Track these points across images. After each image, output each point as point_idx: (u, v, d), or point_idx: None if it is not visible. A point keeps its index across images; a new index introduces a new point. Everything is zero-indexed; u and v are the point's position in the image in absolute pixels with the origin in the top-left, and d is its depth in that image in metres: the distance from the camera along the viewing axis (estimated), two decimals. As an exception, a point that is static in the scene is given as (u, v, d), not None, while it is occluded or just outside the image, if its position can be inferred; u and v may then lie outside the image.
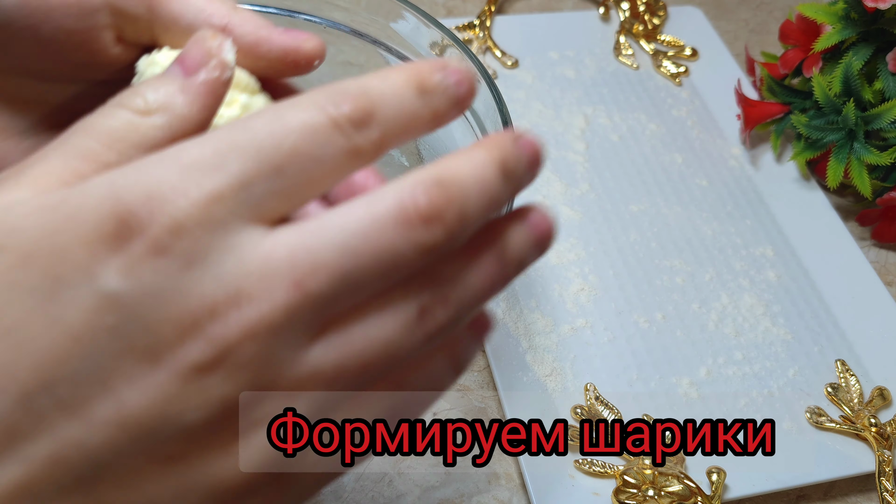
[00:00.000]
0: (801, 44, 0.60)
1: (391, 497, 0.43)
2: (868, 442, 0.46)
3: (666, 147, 0.62)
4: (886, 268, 0.57)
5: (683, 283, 0.53)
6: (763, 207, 0.58)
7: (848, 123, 0.55)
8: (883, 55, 0.56)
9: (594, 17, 0.71)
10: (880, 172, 0.56)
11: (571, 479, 0.43)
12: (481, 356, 0.49)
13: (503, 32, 0.68)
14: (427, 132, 0.22)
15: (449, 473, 0.44)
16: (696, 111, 0.65)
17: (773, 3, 0.76)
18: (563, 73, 0.66)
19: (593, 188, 0.58)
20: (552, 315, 0.50)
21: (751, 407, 0.47)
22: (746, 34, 0.73)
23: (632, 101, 0.65)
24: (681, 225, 0.57)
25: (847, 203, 0.60)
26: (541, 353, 0.48)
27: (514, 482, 0.44)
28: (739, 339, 0.51)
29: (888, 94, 0.55)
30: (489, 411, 0.46)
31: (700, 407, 0.47)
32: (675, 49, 0.69)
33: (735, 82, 0.63)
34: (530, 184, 0.23)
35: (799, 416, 0.47)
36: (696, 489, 0.43)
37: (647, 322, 0.51)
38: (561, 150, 0.60)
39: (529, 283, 0.52)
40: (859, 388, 0.48)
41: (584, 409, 0.46)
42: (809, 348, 0.51)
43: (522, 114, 0.62)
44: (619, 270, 0.53)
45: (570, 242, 0.54)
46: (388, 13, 0.45)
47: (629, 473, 0.43)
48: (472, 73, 0.22)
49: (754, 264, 0.55)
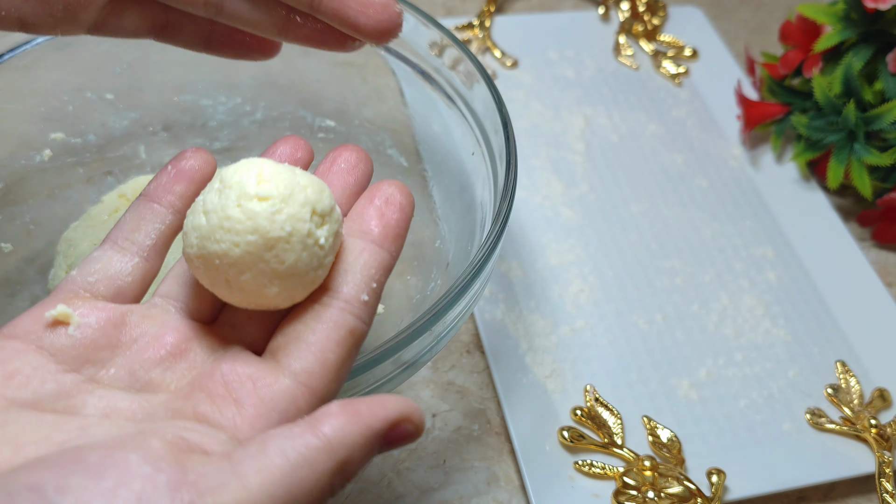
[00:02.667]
0: (802, 44, 0.59)
1: (390, 499, 0.42)
2: (868, 443, 0.46)
3: (666, 147, 0.62)
4: (887, 268, 0.57)
5: (683, 284, 0.53)
6: (763, 208, 0.58)
7: (848, 124, 0.55)
8: (883, 56, 0.56)
9: (594, 17, 0.71)
10: (880, 173, 0.56)
11: (571, 480, 0.43)
12: (481, 357, 0.49)
13: (502, 32, 0.68)
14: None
15: (448, 475, 0.44)
16: (696, 111, 0.64)
17: (773, 3, 0.76)
18: (563, 73, 0.66)
19: (593, 189, 0.58)
20: (552, 316, 0.50)
21: (751, 408, 0.47)
22: (746, 34, 0.72)
23: (632, 101, 0.65)
24: (681, 225, 0.57)
25: (847, 204, 0.60)
26: (540, 355, 0.48)
27: (514, 483, 0.44)
28: (739, 340, 0.51)
29: (888, 94, 0.55)
30: (489, 413, 0.46)
31: (700, 408, 0.47)
32: (675, 49, 0.69)
33: (735, 82, 0.63)
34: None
35: (799, 418, 0.47)
36: (695, 490, 0.42)
37: (647, 323, 0.51)
38: (560, 150, 0.60)
39: (529, 285, 0.52)
40: (859, 390, 0.48)
41: (583, 411, 0.46)
42: (810, 349, 0.51)
43: (522, 114, 0.62)
44: (618, 271, 0.53)
45: (570, 243, 0.54)
46: (387, 13, 0.45)
47: (629, 475, 0.43)
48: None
49: (754, 265, 0.55)
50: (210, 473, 0.21)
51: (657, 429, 0.45)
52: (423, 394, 0.47)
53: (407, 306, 0.44)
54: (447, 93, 0.44)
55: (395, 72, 0.47)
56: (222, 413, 0.24)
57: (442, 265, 0.44)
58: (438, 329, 0.34)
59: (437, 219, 0.47)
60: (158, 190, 0.29)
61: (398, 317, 0.44)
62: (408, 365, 0.34)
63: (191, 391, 0.25)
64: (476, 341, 0.49)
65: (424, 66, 0.45)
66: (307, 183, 0.26)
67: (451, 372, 0.48)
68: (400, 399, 0.24)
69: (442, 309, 0.33)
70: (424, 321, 0.32)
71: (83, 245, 0.43)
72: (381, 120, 0.50)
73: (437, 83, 0.45)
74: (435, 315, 0.33)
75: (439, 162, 0.47)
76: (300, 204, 0.26)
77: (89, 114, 0.48)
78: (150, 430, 0.23)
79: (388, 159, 0.49)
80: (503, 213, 0.36)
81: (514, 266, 0.52)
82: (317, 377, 0.25)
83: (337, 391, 0.26)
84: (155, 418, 0.24)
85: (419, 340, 0.33)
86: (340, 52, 0.33)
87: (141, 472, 0.20)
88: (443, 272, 0.43)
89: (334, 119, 0.51)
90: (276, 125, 0.52)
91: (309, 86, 0.51)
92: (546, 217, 0.56)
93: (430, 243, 0.46)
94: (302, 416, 0.25)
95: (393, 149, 0.49)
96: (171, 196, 0.29)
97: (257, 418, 0.24)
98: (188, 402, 0.25)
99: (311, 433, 0.22)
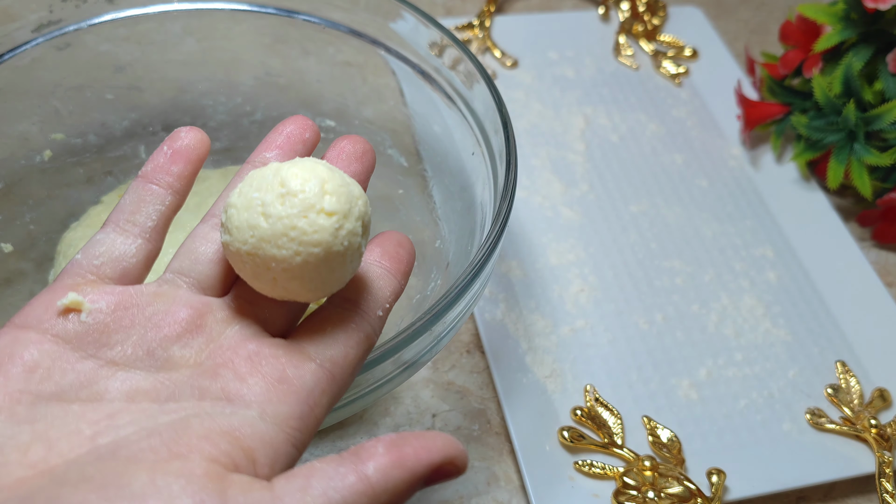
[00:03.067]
0: (802, 44, 0.59)
1: (390, 499, 0.42)
2: (868, 443, 0.46)
3: (666, 147, 0.62)
4: (887, 269, 0.57)
5: (683, 284, 0.53)
6: (763, 208, 0.58)
7: (848, 124, 0.55)
8: (883, 56, 0.56)
9: (594, 17, 0.71)
10: (880, 173, 0.56)
11: (571, 480, 0.43)
12: (481, 357, 0.49)
13: (502, 32, 0.68)
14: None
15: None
16: (696, 111, 0.64)
17: (773, 3, 0.76)
18: (563, 73, 0.66)
19: (593, 188, 0.58)
20: (552, 316, 0.50)
21: (751, 408, 0.47)
22: (746, 34, 0.72)
23: (632, 101, 0.65)
24: (681, 225, 0.56)
25: (847, 204, 0.60)
26: (540, 355, 0.48)
27: (514, 483, 0.44)
28: (739, 340, 0.51)
29: (888, 94, 0.55)
30: (489, 413, 0.46)
31: (700, 408, 0.47)
32: (675, 49, 0.69)
33: (735, 82, 0.63)
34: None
35: (799, 418, 0.47)
36: (696, 491, 0.42)
37: (647, 323, 0.51)
38: (561, 150, 0.60)
39: (529, 285, 0.52)
40: (859, 390, 0.48)
41: (584, 411, 0.46)
42: (810, 349, 0.51)
43: (522, 114, 0.62)
44: (618, 271, 0.53)
45: (570, 243, 0.54)
46: (387, 13, 0.45)
47: (629, 475, 0.43)
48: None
49: (754, 265, 0.55)
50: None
51: (657, 429, 0.45)
52: (423, 394, 0.47)
53: (407, 306, 0.44)
54: (447, 93, 0.44)
55: (395, 72, 0.47)
56: (250, 388, 0.25)
57: (442, 265, 0.44)
58: (438, 329, 0.34)
59: (437, 219, 0.47)
60: (156, 171, 0.29)
61: (398, 317, 0.44)
62: (408, 365, 0.34)
63: (215, 368, 0.25)
64: (476, 341, 0.49)
65: (424, 66, 0.45)
66: (359, 195, 0.28)
67: (451, 372, 0.48)
68: (447, 440, 0.24)
69: (442, 309, 0.33)
70: (424, 321, 0.32)
71: (83, 245, 0.43)
72: (381, 120, 0.50)
73: (437, 83, 0.45)
74: (435, 315, 0.33)
75: (439, 162, 0.47)
76: (356, 218, 0.27)
77: (89, 114, 0.48)
78: (185, 429, 0.23)
79: (388, 159, 0.49)
80: (503, 213, 0.36)
81: (514, 266, 0.52)
82: (339, 367, 0.27)
83: (349, 385, 0.28)
84: (180, 397, 0.24)
85: (419, 340, 0.33)
86: None
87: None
88: (443, 272, 0.43)
89: (334, 119, 0.51)
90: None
91: (309, 86, 0.51)
92: (546, 217, 0.56)
93: (431, 243, 0.46)
94: (326, 397, 0.26)
95: (393, 149, 0.49)
96: (168, 177, 0.29)
97: (287, 394, 0.25)
98: (215, 381, 0.25)
99: (355, 475, 0.23)
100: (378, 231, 0.32)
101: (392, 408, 0.46)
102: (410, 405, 0.46)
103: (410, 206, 0.48)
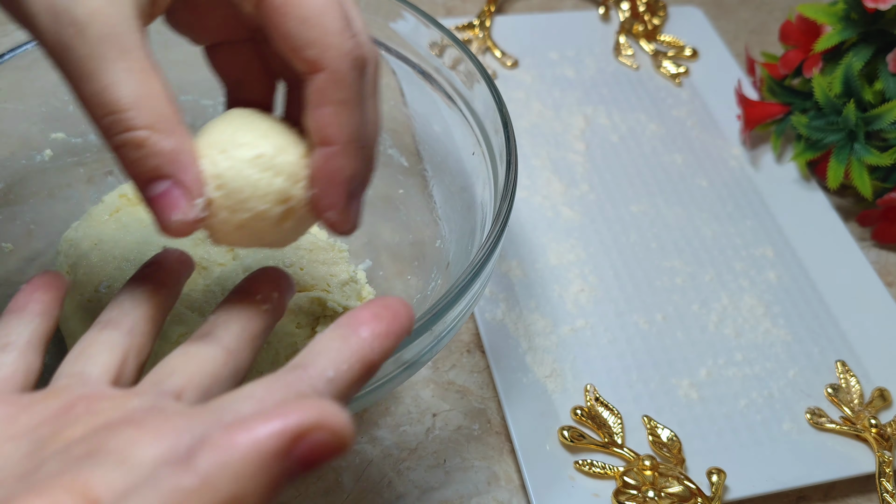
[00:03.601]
0: (802, 44, 0.60)
1: (391, 498, 0.42)
2: (868, 443, 0.46)
3: (666, 147, 0.62)
4: (887, 268, 0.57)
5: (683, 284, 0.53)
6: (763, 208, 0.58)
7: (848, 124, 0.55)
8: (883, 56, 0.56)
9: (594, 17, 0.71)
10: (881, 173, 0.56)
11: (571, 480, 0.43)
12: (481, 357, 0.49)
13: (503, 32, 0.68)
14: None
15: (448, 474, 0.44)
16: (696, 111, 0.64)
17: (773, 3, 0.76)
18: (563, 73, 0.66)
19: (593, 188, 0.58)
20: (552, 316, 0.50)
21: (751, 408, 0.47)
22: (746, 34, 0.73)
23: (632, 101, 0.65)
24: (681, 225, 0.57)
25: (847, 204, 0.60)
26: (541, 354, 0.48)
27: (514, 483, 0.44)
28: (740, 339, 0.51)
29: (888, 94, 0.55)
30: (489, 413, 0.46)
31: (700, 408, 0.47)
32: (675, 49, 0.69)
33: (735, 82, 0.63)
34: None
35: (799, 417, 0.47)
36: (696, 490, 0.42)
37: (647, 323, 0.51)
38: (561, 150, 0.60)
39: (529, 284, 0.52)
40: (859, 389, 0.48)
41: (584, 410, 0.46)
42: (810, 349, 0.51)
43: (522, 114, 0.62)
44: (618, 271, 0.53)
45: (570, 243, 0.54)
46: (387, 13, 0.45)
47: (629, 475, 0.43)
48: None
49: (754, 265, 0.55)
50: None
51: (657, 428, 0.45)
52: (424, 393, 0.47)
53: (407, 306, 0.43)
54: (447, 93, 0.44)
55: (395, 72, 0.47)
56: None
57: (442, 265, 0.44)
58: (438, 329, 0.34)
59: (437, 219, 0.47)
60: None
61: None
62: (408, 365, 0.34)
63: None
64: (476, 341, 0.49)
65: (425, 66, 0.45)
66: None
67: (451, 372, 0.48)
68: (307, 403, 0.19)
69: (442, 309, 0.33)
70: (424, 321, 0.32)
71: (84, 245, 0.43)
72: (382, 120, 0.50)
73: (437, 83, 0.45)
74: (435, 315, 0.33)
75: (439, 162, 0.47)
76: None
77: (90, 114, 0.48)
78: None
79: (388, 159, 0.49)
80: (503, 213, 0.36)
81: (514, 266, 0.52)
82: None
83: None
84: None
85: (419, 340, 0.33)
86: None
87: None
88: (443, 272, 0.43)
89: (334, 119, 0.51)
90: (277, 125, 0.51)
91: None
92: (546, 217, 0.56)
93: (431, 243, 0.46)
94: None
95: (393, 149, 0.49)
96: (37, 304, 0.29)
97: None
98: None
99: (184, 470, 0.19)
100: (378, 230, 0.32)
101: (392, 407, 0.46)
102: (411, 405, 0.46)
103: (411, 206, 0.48)
